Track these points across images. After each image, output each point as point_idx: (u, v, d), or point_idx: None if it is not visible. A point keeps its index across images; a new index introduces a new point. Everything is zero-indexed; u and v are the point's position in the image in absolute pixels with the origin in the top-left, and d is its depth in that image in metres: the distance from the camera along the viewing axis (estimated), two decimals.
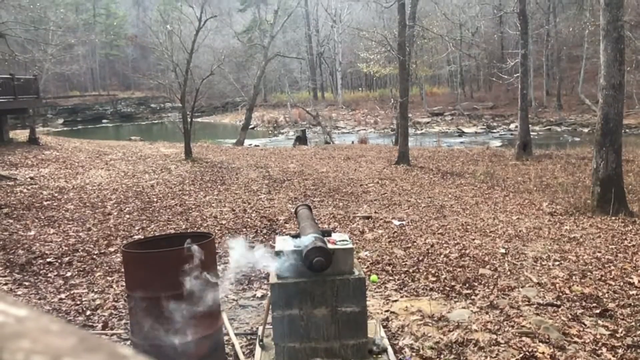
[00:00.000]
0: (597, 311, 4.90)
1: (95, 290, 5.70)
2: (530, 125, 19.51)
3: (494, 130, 33.61)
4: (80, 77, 57.99)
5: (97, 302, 5.37)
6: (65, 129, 44.10)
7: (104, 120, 53.18)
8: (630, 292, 5.35)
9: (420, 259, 6.58)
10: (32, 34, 19.91)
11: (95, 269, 6.37)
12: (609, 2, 8.80)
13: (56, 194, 10.57)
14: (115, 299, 5.41)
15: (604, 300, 5.17)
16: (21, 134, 20.86)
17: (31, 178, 12.24)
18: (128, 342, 4.17)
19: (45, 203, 9.80)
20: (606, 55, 8.90)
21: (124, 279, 4.95)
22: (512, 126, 32.34)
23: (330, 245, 3.81)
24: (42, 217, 8.78)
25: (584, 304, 5.08)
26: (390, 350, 4.07)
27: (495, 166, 14.97)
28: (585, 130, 29.97)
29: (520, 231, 7.91)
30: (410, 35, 18.52)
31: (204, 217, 8.97)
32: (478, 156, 17.31)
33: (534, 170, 13.86)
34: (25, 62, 20.48)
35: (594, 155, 9.31)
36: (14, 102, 19.19)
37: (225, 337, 4.34)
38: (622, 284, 5.60)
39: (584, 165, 14.12)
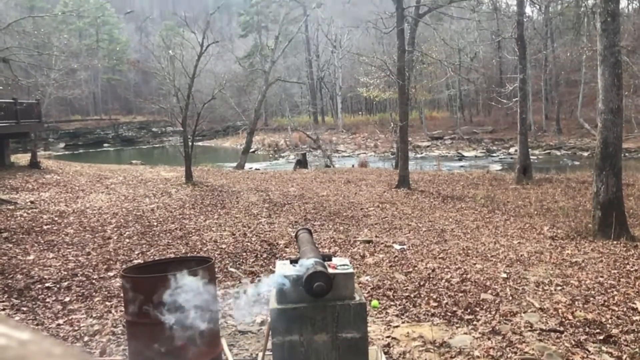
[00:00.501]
0: (601, 337, 4.85)
1: (94, 315, 5.65)
2: (529, 149, 19.57)
3: (494, 154, 33.72)
4: (82, 102, 58.38)
5: (96, 327, 5.31)
6: (66, 152, 44.25)
7: (105, 144, 53.40)
8: (634, 318, 5.30)
9: (422, 283, 6.54)
10: (36, 59, 20.12)
11: (94, 293, 6.33)
12: (606, 28, 8.90)
13: (56, 218, 10.55)
14: (114, 325, 5.36)
15: (608, 326, 5.12)
16: (22, 158, 20.93)
17: (31, 202, 12.23)
18: None
19: (45, 227, 9.77)
20: (604, 80, 8.97)
21: (123, 304, 4.91)
22: (511, 150, 32.45)
23: (330, 270, 3.79)
24: (42, 242, 8.75)
25: (587, 329, 5.03)
26: None
27: (495, 190, 14.97)
28: (585, 154, 30.04)
29: (521, 255, 7.88)
30: (410, 60, 18.70)
31: (204, 241, 8.94)
32: (478, 180, 17.32)
33: (534, 194, 13.85)
34: (28, 87, 20.66)
35: (594, 179, 9.32)
36: (16, 126, 19.29)
37: None
38: (625, 309, 5.55)
39: (584, 189, 14.12)
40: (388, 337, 4.97)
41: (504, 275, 6.80)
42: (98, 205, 12.00)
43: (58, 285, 6.59)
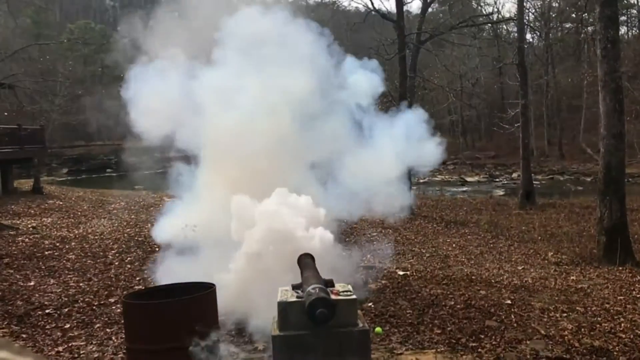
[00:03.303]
0: None
1: (94, 342, 5.58)
2: (532, 175, 19.55)
3: (497, 180, 33.66)
4: (86, 127, 58.76)
5: (96, 355, 5.25)
6: (69, 178, 44.34)
7: (108, 170, 53.50)
8: None
9: (425, 310, 6.46)
10: (41, 85, 20.34)
11: (94, 320, 6.27)
12: (606, 54, 8.97)
13: (58, 244, 10.52)
14: (115, 352, 5.29)
15: (615, 353, 5.04)
16: (25, 183, 20.98)
17: (33, 227, 12.21)
18: None
19: (46, 253, 9.73)
20: (605, 106, 9.00)
21: (123, 331, 4.85)
22: (514, 175, 32.41)
23: (333, 296, 3.75)
24: (43, 267, 8.70)
25: (594, 357, 4.94)
26: None
27: (499, 215, 14.90)
28: (588, 179, 29.98)
29: (526, 281, 7.80)
30: (411, 85, 18.84)
31: None
32: (481, 205, 17.27)
33: (538, 220, 13.78)
34: (33, 113, 20.83)
35: (598, 205, 9.28)
36: (20, 152, 19.39)
37: None
38: (632, 336, 5.47)
39: (588, 215, 14.04)
40: None
41: (509, 302, 6.72)
42: (100, 231, 11.97)
43: (58, 312, 6.53)
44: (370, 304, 6.71)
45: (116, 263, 9.09)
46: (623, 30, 45.33)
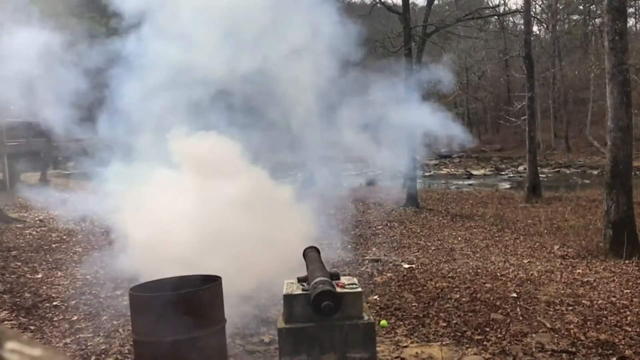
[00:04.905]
0: (614, 358, 4.77)
1: (101, 334, 5.62)
2: (539, 168, 19.48)
3: (503, 173, 33.53)
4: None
5: (103, 346, 5.29)
6: (75, 171, 44.52)
7: (114, 162, 53.62)
8: None
9: (431, 303, 6.47)
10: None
11: (101, 312, 6.31)
12: (614, 47, 8.90)
13: (64, 237, 10.58)
14: (122, 344, 5.33)
15: (621, 347, 5.03)
16: (32, 177, 21.09)
17: (40, 220, 12.28)
18: None
19: (53, 245, 9.79)
20: (613, 98, 8.95)
21: (130, 323, 4.88)
22: (520, 168, 32.30)
23: (338, 289, 3.76)
24: (50, 260, 8.76)
25: (600, 350, 4.94)
26: None
27: (504, 208, 14.87)
28: (595, 172, 29.85)
29: (531, 275, 7.79)
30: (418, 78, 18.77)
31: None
32: (487, 198, 17.23)
33: (544, 213, 13.75)
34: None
35: (605, 198, 9.24)
36: (27, 145, 19.48)
37: None
38: (638, 330, 5.46)
39: (594, 208, 13.99)
40: (397, 357, 4.90)
41: (514, 295, 6.72)
42: (106, 224, 12.01)
43: (66, 304, 6.58)
44: (375, 297, 6.73)
45: (123, 255, 9.13)
46: (631, 22, 44.99)
